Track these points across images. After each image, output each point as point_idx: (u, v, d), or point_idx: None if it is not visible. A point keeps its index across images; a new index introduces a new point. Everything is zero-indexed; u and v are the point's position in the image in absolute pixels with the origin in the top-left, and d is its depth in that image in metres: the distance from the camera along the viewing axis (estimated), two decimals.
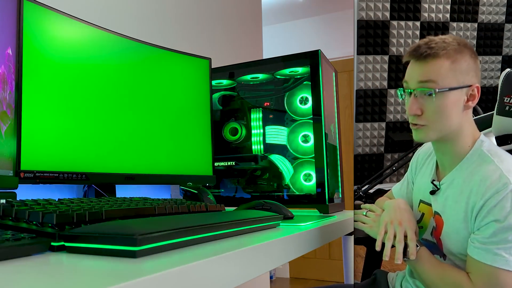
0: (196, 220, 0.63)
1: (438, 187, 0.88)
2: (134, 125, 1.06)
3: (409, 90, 0.83)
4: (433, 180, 0.90)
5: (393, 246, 0.84)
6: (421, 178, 0.96)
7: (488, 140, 0.84)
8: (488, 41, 1.31)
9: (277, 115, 1.41)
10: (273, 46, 3.97)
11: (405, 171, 1.09)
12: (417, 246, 0.83)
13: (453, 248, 0.83)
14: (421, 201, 0.94)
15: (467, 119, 0.84)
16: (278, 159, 1.39)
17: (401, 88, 0.87)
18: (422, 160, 0.99)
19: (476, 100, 0.82)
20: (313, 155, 1.28)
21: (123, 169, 1.01)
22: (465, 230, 0.80)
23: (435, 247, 0.87)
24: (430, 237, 0.90)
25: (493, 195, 0.74)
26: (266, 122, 1.41)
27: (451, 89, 0.80)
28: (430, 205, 0.91)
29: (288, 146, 1.37)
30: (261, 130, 1.42)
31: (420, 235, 0.93)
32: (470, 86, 0.81)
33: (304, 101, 1.37)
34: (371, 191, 1.28)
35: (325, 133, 1.27)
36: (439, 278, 0.82)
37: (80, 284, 0.35)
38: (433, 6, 1.27)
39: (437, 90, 0.80)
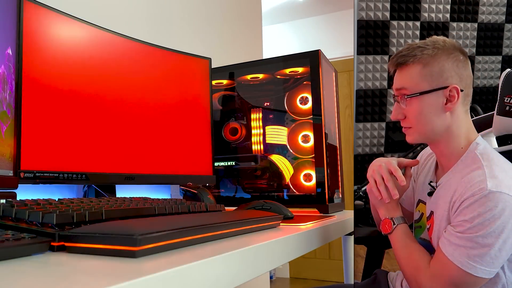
0: (196, 220, 0.63)
1: (435, 187, 0.89)
2: (134, 125, 1.05)
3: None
4: (431, 182, 0.91)
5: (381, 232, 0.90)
6: (421, 178, 0.98)
7: (484, 143, 0.84)
8: (488, 41, 1.31)
9: (277, 115, 1.41)
10: (273, 46, 3.98)
11: (405, 171, 1.09)
12: (399, 221, 0.89)
13: None
14: (420, 200, 0.95)
15: (455, 119, 0.84)
16: (278, 159, 1.39)
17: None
18: (424, 161, 1.00)
19: (456, 101, 0.82)
20: (313, 155, 1.28)
21: (123, 169, 1.01)
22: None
23: (430, 247, 0.88)
24: (427, 237, 0.90)
25: (468, 197, 0.76)
26: (266, 122, 1.41)
27: (422, 93, 0.83)
28: (426, 205, 0.92)
29: (288, 146, 1.37)
30: (261, 130, 1.42)
31: (417, 235, 0.94)
32: (446, 87, 0.82)
33: (304, 101, 1.37)
34: None
35: (325, 133, 1.27)
36: (405, 258, 0.86)
37: (80, 284, 0.35)
38: (433, 6, 1.27)
39: (406, 97, 0.85)
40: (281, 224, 0.85)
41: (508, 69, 1.03)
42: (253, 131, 1.42)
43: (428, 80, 0.83)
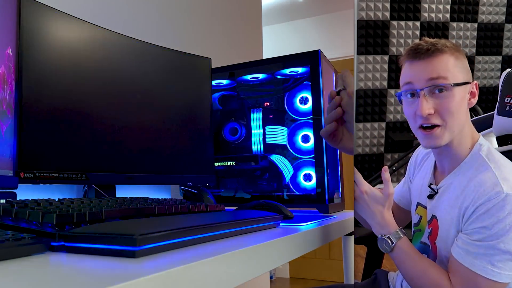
0: (196, 220, 0.63)
1: (436, 191, 0.86)
2: (134, 125, 1.05)
3: (417, 91, 0.79)
4: (431, 184, 0.89)
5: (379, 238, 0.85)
6: (419, 180, 0.95)
7: (487, 144, 0.82)
8: (488, 41, 1.31)
9: (277, 115, 1.41)
10: (273, 46, 3.97)
11: (405, 171, 1.09)
12: (397, 238, 0.82)
13: (447, 254, 0.81)
14: (418, 203, 0.94)
15: (468, 119, 0.83)
16: (278, 159, 1.39)
17: (401, 92, 0.83)
18: (420, 161, 0.98)
19: (477, 98, 0.81)
20: (313, 155, 1.28)
21: (123, 169, 1.01)
22: (456, 234, 0.79)
23: (431, 251, 0.87)
24: (427, 241, 0.89)
25: (484, 202, 0.73)
26: (266, 122, 1.41)
27: (459, 84, 0.78)
28: (427, 208, 0.89)
29: (288, 146, 1.37)
30: (261, 130, 1.42)
31: (417, 238, 0.93)
32: (470, 82, 0.82)
33: (304, 101, 1.37)
34: None
35: None
36: (419, 278, 0.80)
37: (80, 284, 0.35)
38: (433, 6, 1.27)
39: (452, 84, 0.76)
40: (281, 224, 0.85)
41: (508, 69, 1.03)
42: (253, 131, 1.42)
43: (462, 72, 0.79)
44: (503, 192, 0.71)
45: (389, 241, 0.82)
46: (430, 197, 0.87)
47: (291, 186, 1.36)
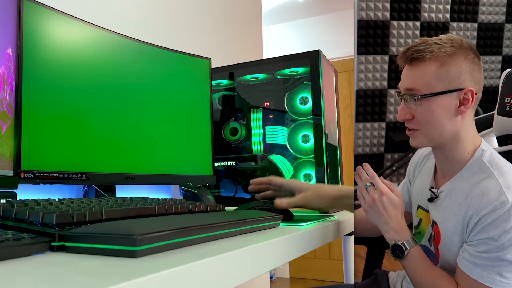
0: (196, 220, 0.63)
1: (437, 194, 0.85)
2: (134, 125, 1.05)
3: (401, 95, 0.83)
4: (431, 188, 0.88)
5: (387, 248, 0.84)
6: (420, 182, 0.95)
7: (489, 149, 0.81)
8: (488, 41, 1.31)
9: (277, 115, 1.41)
10: (273, 46, 3.97)
11: (405, 171, 1.09)
12: (410, 245, 0.82)
13: (450, 260, 0.82)
14: (419, 206, 0.93)
15: (464, 124, 0.80)
16: (278, 159, 1.38)
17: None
18: (421, 163, 0.98)
19: (470, 104, 0.78)
20: (313, 155, 1.28)
21: (123, 169, 1.01)
22: (460, 243, 0.79)
23: (433, 255, 0.87)
24: (427, 244, 0.89)
25: (489, 213, 0.72)
26: (266, 122, 1.41)
27: (436, 94, 0.78)
28: (428, 211, 0.89)
29: (288, 146, 1.37)
30: (261, 130, 1.42)
31: (417, 241, 0.93)
32: (461, 89, 0.78)
33: (304, 101, 1.37)
34: None
35: (325, 133, 1.27)
36: (429, 285, 0.80)
37: (80, 284, 0.35)
38: (433, 6, 1.27)
39: (419, 97, 0.79)
40: (281, 224, 0.85)
41: (508, 69, 1.03)
42: (253, 131, 1.42)
43: (444, 81, 0.78)
44: (508, 202, 0.71)
45: (403, 247, 0.81)
46: (431, 200, 0.87)
47: None
